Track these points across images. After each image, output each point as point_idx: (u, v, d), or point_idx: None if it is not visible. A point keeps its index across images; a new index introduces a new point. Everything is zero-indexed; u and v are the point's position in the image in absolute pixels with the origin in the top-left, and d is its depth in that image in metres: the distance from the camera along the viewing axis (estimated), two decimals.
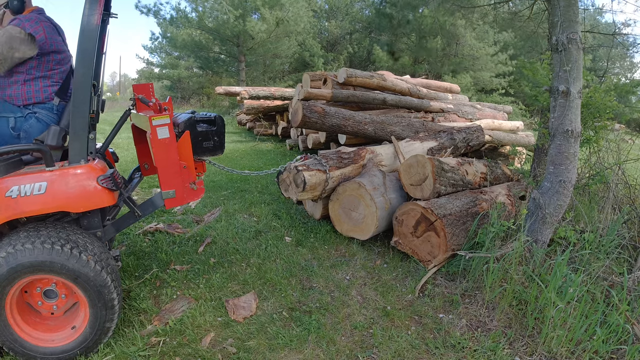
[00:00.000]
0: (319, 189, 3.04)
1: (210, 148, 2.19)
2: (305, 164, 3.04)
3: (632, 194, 3.28)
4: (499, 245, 2.57)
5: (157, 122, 1.89)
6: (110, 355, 1.88)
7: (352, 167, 3.36)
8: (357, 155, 3.48)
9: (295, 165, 2.98)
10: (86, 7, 1.75)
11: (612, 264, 2.45)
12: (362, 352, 1.97)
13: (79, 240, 1.77)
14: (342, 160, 3.33)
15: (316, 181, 2.99)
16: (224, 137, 2.25)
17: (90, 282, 1.71)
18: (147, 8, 14.31)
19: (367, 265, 2.88)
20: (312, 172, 2.96)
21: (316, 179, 2.99)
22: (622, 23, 8.11)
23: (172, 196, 1.99)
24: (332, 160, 3.26)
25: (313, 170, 2.99)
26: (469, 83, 14.30)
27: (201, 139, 2.14)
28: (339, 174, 3.23)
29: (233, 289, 2.51)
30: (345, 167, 3.30)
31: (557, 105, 2.60)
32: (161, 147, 1.91)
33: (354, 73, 6.25)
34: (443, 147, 4.20)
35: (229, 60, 16.48)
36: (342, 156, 3.35)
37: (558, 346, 1.97)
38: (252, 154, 7.57)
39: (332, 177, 3.11)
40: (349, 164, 3.35)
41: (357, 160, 3.44)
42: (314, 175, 2.96)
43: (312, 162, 3.11)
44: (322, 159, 3.21)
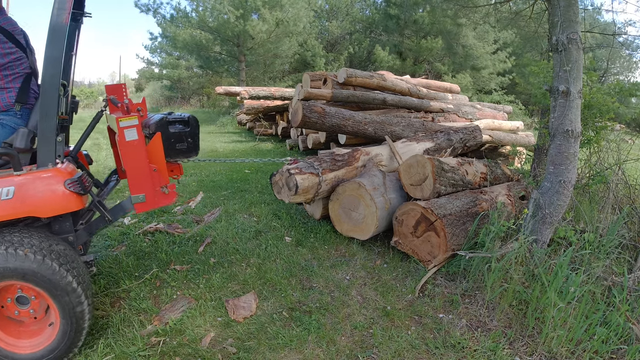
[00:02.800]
0: (311, 191, 3.00)
1: (183, 150, 2.11)
2: (298, 167, 2.97)
3: (632, 194, 3.28)
4: (499, 245, 2.57)
5: (124, 123, 1.82)
6: (110, 355, 1.88)
7: (346, 170, 3.30)
8: (351, 157, 3.43)
9: (288, 168, 2.92)
10: (55, 6, 1.67)
11: (612, 264, 2.45)
12: (362, 352, 1.97)
13: (44, 244, 1.71)
14: (336, 163, 3.26)
15: (309, 184, 2.94)
16: (199, 138, 2.19)
17: (57, 286, 1.65)
18: (146, 6, 14.31)
19: (367, 265, 2.88)
20: (304, 176, 2.92)
21: (309, 182, 2.94)
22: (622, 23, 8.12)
23: (142, 200, 1.93)
24: (325, 162, 3.19)
25: (305, 173, 2.95)
26: (469, 83, 14.31)
27: (174, 141, 2.07)
28: (332, 176, 3.17)
29: (233, 289, 2.51)
30: (338, 169, 3.24)
31: (557, 105, 2.60)
32: (129, 150, 1.85)
33: (354, 73, 6.25)
34: (440, 148, 4.18)
35: (229, 60, 16.47)
36: (335, 158, 3.29)
37: (558, 346, 1.97)
38: (252, 154, 7.57)
39: (325, 180, 3.06)
40: (342, 166, 3.29)
41: (351, 162, 3.38)
42: (306, 179, 2.91)
43: (305, 165, 3.03)
44: (315, 162, 3.14)
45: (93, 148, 8.12)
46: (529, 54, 13.54)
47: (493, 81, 15.10)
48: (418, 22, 14.39)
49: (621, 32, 6.35)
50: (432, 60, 15.82)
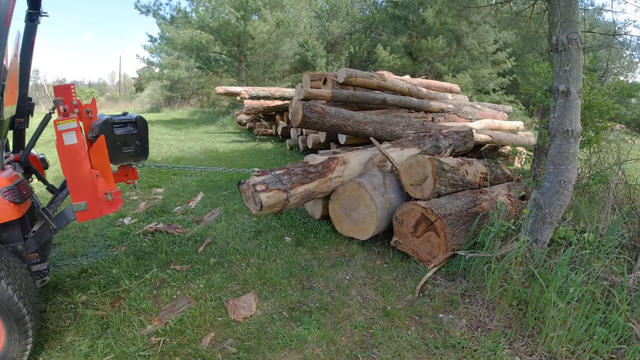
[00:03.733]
0: (278, 206, 2.82)
1: (131, 154, 2.00)
2: (264, 183, 2.74)
3: (632, 194, 3.28)
4: (499, 245, 2.57)
5: (62, 127, 1.72)
6: (110, 355, 1.88)
7: (319, 182, 3.06)
8: (325, 168, 3.18)
9: (254, 183, 2.70)
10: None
11: (612, 263, 2.45)
12: (362, 352, 1.97)
13: None
14: (308, 175, 3.03)
15: (275, 201, 2.75)
16: (147, 140, 2.07)
17: None
18: (146, 8, 14.29)
19: (367, 265, 2.88)
20: (270, 193, 2.71)
21: (275, 199, 2.74)
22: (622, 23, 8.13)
23: (84, 209, 1.83)
24: (295, 175, 2.95)
25: (272, 190, 2.73)
26: (469, 83, 14.30)
27: (120, 144, 1.95)
28: (303, 190, 2.95)
29: (233, 289, 2.51)
30: (310, 182, 3.01)
31: (557, 105, 2.60)
32: (68, 155, 1.74)
33: (354, 73, 6.25)
34: (427, 153, 4.00)
35: (230, 61, 16.47)
36: (308, 170, 3.06)
37: (558, 346, 1.97)
38: (252, 154, 7.57)
39: (294, 195, 2.87)
40: (315, 179, 3.05)
41: (325, 174, 3.13)
42: (272, 196, 2.72)
43: (272, 180, 2.80)
44: (284, 176, 2.90)
45: None
46: (529, 54, 13.54)
47: (493, 81, 15.10)
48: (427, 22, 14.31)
49: (621, 32, 6.36)
50: (432, 60, 15.81)
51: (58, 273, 2.60)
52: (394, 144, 3.95)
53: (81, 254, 2.96)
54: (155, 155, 7.13)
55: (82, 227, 3.49)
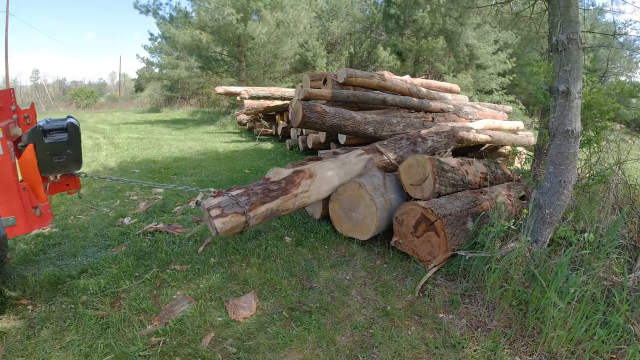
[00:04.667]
0: (237, 229, 2.64)
1: (62, 163, 1.86)
2: (219, 207, 2.53)
3: (632, 194, 3.28)
4: (499, 245, 2.57)
5: None
6: (110, 355, 1.88)
7: (282, 199, 2.84)
8: (290, 184, 2.94)
9: (209, 207, 2.49)
10: None
11: (612, 264, 2.44)
12: (362, 352, 1.97)
13: None
14: (269, 193, 2.81)
15: (232, 226, 2.55)
16: (80, 148, 1.92)
17: None
18: (146, 7, 14.30)
19: (367, 265, 2.88)
20: (226, 219, 2.51)
21: (231, 224, 2.54)
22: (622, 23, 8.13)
23: (13, 223, 1.72)
24: (255, 195, 2.73)
25: (228, 215, 2.52)
26: (469, 83, 14.30)
27: (50, 153, 1.81)
28: (264, 210, 2.73)
29: (233, 289, 2.51)
30: (272, 200, 2.79)
31: (557, 105, 2.60)
32: None
33: (354, 73, 6.25)
34: (403, 160, 3.66)
35: (229, 61, 16.48)
36: (269, 188, 2.83)
37: (558, 346, 1.97)
38: (252, 154, 7.57)
39: (254, 216, 2.67)
40: (277, 196, 2.82)
41: (288, 190, 2.90)
42: (228, 222, 2.52)
43: (228, 202, 2.58)
44: (242, 197, 2.66)
45: (94, 148, 8.12)
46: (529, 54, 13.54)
47: (493, 81, 15.10)
48: (418, 22, 14.33)
49: (621, 32, 6.36)
50: (432, 60, 15.81)
51: (58, 273, 2.60)
52: (367, 150, 3.69)
53: (81, 254, 2.96)
54: (155, 155, 7.13)
55: (82, 227, 3.49)
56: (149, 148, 8.03)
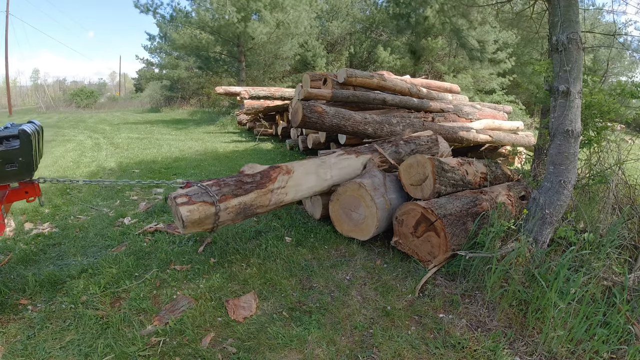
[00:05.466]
0: (207, 222, 2.48)
1: (14, 172, 1.80)
2: (187, 195, 2.42)
3: (632, 194, 3.28)
4: (499, 246, 2.57)
5: None
6: (110, 355, 1.88)
7: (257, 193, 2.72)
8: (265, 178, 2.83)
9: (175, 196, 2.40)
10: None
11: (612, 264, 2.44)
12: (362, 352, 1.97)
13: None
14: (243, 186, 2.69)
15: (200, 216, 2.41)
16: (33, 156, 1.86)
17: None
18: (146, 7, 14.30)
19: (367, 265, 2.88)
20: (193, 207, 2.39)
21: (199, 213, 2.40)
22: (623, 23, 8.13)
23: None
24: (227, 186, 2.62)
25: (196, 203, 2.41)
26: (469, 83, 14.30)
27: (2, 162, 1.76)
28: (237, 203, 2.60)
29: (233, 289, 2.51)
30: (245, 194, 2.66)
31: (557, 105, 2.60)
32: None
33: (354, 73, 6.25)
34: (385, 162, 3.69)
35: (229, 61, 16.48)
36: (243, 180, 2.73)
37: (558, 346, 1.97)
38: (252, 154, 7.57)
39: (226, 208, 2.53)
40: (252, 190, 2.70)
41: (264, 184, 2.78)
42: (195, 210, 2.39)
43: (197, 191, 2.47)
44: (214, 186, 2.56)
45: (94, 148, 8.13)
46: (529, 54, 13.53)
47: (494, 81, 15.09)
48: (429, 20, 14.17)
49: (621, 32, 6.36)
50: (432, 60, 15.81)
51: (58, 273, 2.60)
52: (348, 151, 3.60)
53: (81, 254, 2.96)
54: (155, 155, 7.13)
55: (82, 227, 3.49)
56: (149, 148, 8.04)
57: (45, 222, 3.62)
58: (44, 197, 2.86)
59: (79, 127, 12.71)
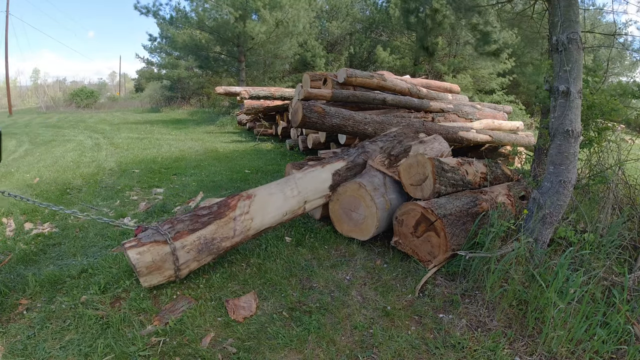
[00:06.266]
0: (166, 266, 2.26)
1: None
2: (137, 239, 2.26)
3: (632, 194, 3.28)
4: (499, 246, 2.57)
5: None
6: (110, 355, 1.88)
7: (217, 224, 2.51)
8: (223, 207, 2.62)
9: (124, 242, 2.25)
10: None
11: (612, 264, 2.44)
12: (362, 352, 1.97)
13: None
14: (199, 219, 2.49)
15: (153, 258, 2.20)
16: None
17: None
18: (146, 8, 14.32)
19: (367, 265, 2.88)
20: (142, 249, 2.17)
21: (152, 255, 2.20)
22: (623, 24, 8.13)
23: None
24: (182, 222, 2.42)
25: (146, 244, 2.19)
26: (469, 83, 14.30)
27: None
28: (195, 238, 2.39)
29: (233, 289, 2.51)
30: (204, 226, 2.47)
31: (557, 105, 2.59)
32: None
33: (354, 73, 6.25)
34: (356, 164, 3.51)
35: (229, 60, 16.49)
36: (198, 214, 2.54)
37: (558, 346, 1.97)
38: (252, 154, 7.57)
39: (183, 246, 2.31)
40: (210, 221, 2.50)
41: (223, 214, 2.58)
42: (146, 252, 2.17)
43: (147, 233, 2.29)
44: (165, 225, 2.36)
45: (94, 148, 8.13)
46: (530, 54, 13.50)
47: (493, 81, 15.09)
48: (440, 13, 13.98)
49: (621, 32, 6.36)
50: (433, 60, 15.80)
51: (58, 273, 2.60)
52: (314, 164, 3.37)
53: (81, 254, 2.96)
54: (155, 156, 7.13)
55: (82, 227, 3.49)
56: (149, 148, 8.04)
57: (45, 222, 3.62)
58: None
59: (78, 127, 12.71)
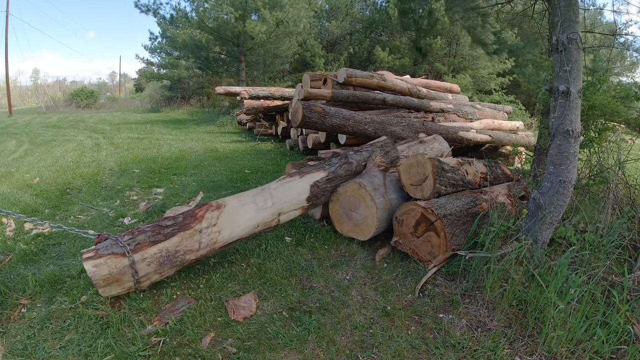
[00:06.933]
0: (125, 279, 2.17)
1: None
2: (95, 250, 2.17)
3: (632, 194, 3.28)
4: (499, 245, 2.57)
5: None
6: (110, 355, 1.88)
7: (181, 236, 2.36)
8: (189, 218, 2.46)
9: (83, 252, 2.18)
10: None
11: (612, 264, 2.44)
12: (362, 352, 1.97)
13: None
14: (162, 230, 2.34)
15: (110, 271, 2.12)
16: None
17: None
18: (146, 7, 14.32)
19: (367, 265, 2.88)
20: (99, 261, 2.10)
21: (109, 268, 2.12)
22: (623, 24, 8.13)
23: None
24: (143, 234, 2.29)
25: (104, 256, 2.12)
26: (469, 83, 14.30)
27: None
28: (157, 251, 2.26)
29: (233, 289, 2.51)
30: (166, 238, 2.31)
31: (557, 105, 2.59)
32: None
33: (354, 73, 6.25)
34: (337, 176, 3.27)
35: (229, 60, 16.49)
36: (161, 224, 2.39)
37: (558, 346, 1.97)
38: (252, 154, 7.57)
39: (143, 259, 2.19)
40: (173, 233, 2.35)
41: (188, 225, 2.42)
42: (103, 265, 2.09)
43: (106, 244, 2.19)
44: (126, 236, 2.24)
45: (94, 148, 8.13)
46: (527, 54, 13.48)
47: (493, 81, 15.09)
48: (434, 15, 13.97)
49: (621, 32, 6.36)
50: (432, 60, 15.80)
51: (58, 273, 2.60)
52: (291, 174, 3.18)
53: (81, 254, 2.96)
54: (155, 156, 7.13)
55: (82, 227, 3.49)
56: (149, 148, 8.03)
57: (45, 222, 3.61)
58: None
59: (78, 127, 12.70)
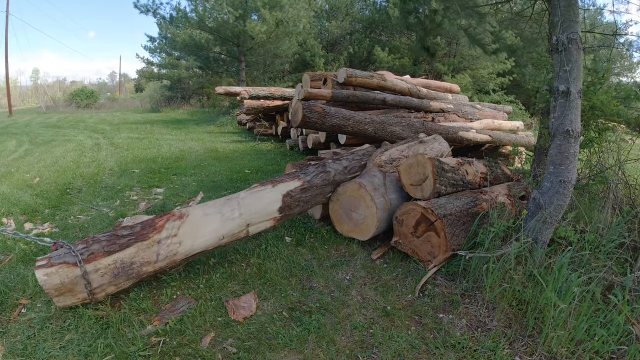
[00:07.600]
0: (78, 289, 2.11)
1: None
2: (48, 258, 2.11)
3: (632, 194, 3.28)
4: (499, 245, 2.56)
5: None
6: (110, 355, 1.88)
7: (138, 247, 2.25)
8: (148, 227, 2.34)
9: (38, 259, 2.13)
10: None
11: (613, 264, 2.44)
12: (362, 352, 1.97)
13: None
14: (118, 240, 2.24)
15: (62, 281, 2.05)
16: None
17: None
18: (146, 7, 14.32)
19: (367, 265, 2.88)
20: (50, 270, 2.04)
21: (61, 277, 2.05)
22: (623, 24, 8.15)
23: None
24: (98, 243, 2.20)
25: (55, 265, 2.05)
26: (468, 83, 14.29)
27: None
28: (111, 261, 2.17)
29: (233, 289, 2.51)
30: (122, 249, 2.22)
31: (557, 105, 2.59)
32: None
33: (354, 73, 6.25)
34: (312, 185, 3.11)
35: (229, 60, 16.49)
36: (117, 234, 2.28)
37: (558, 346, 1.97)
38: (252, 154, 7.57)
39: (96, 269, 2.13)
40: (130, 244, 2.24)
41: (146, 235, 2.30)
42: (54, 274, 2.04)
43: (60, 253, 2.13)
44: (80, 245, 2.17)
45: (94, 148, 8.13)
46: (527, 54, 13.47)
47: (493, 81, 15.09)
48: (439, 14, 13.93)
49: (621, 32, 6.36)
50: (432, 60, 15.80)
51: None
52: (262, 183, 3.06)
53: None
54: (155, 156, 7.13)
55: (82, 227, 3.49)
56: (149, 148, 8.03)
57: (45, 222, 3.62)
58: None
59: (79, 127, 12.70)
